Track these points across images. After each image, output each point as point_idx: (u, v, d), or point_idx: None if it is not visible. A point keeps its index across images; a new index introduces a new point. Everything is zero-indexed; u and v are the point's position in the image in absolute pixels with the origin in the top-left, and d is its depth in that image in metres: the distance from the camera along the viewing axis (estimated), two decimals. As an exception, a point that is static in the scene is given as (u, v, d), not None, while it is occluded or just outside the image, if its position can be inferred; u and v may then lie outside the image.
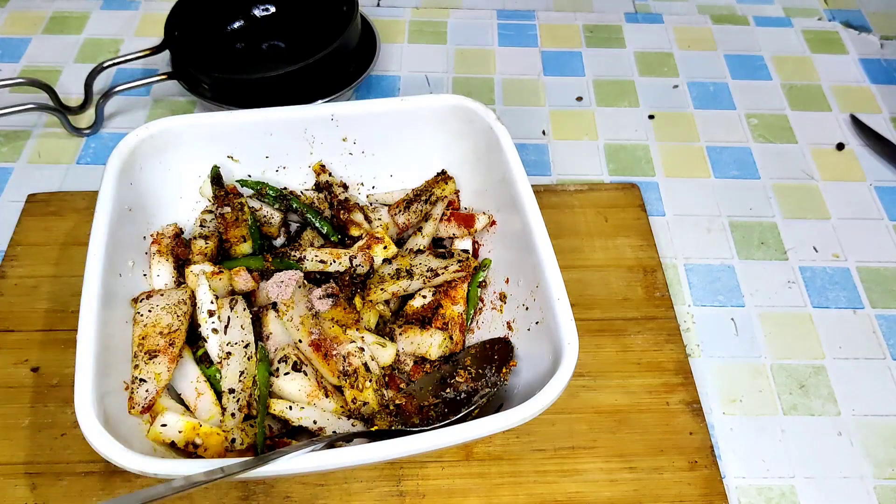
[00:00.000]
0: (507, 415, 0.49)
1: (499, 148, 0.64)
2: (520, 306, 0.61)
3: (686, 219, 0.80)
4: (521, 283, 0.61)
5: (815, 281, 0.75)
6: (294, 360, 0.58)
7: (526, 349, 0.59)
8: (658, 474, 0.61)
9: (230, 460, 0.47)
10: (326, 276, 0.65)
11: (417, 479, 0.60)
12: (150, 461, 0.46)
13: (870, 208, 0.82)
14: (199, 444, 0.55)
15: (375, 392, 0.58)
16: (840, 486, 0.62)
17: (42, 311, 0.69)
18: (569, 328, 0.53)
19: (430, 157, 0.71)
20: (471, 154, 0.69)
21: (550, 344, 0.54)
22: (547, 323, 0.55)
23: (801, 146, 0.88)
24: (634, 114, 0.91)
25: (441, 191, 0.70)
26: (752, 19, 1.05)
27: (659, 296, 0.72)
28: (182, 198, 0.69)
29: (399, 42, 0.99)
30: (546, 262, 0.56)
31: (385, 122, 0.69)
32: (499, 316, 0.64)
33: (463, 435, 0.49)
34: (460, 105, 0.67)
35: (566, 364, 0.51)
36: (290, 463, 0.47)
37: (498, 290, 0.65)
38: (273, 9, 0.95)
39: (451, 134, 0.69)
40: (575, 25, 1.03)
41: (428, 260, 0.65)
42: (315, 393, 0.57)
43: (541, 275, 0.56)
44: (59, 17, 1.01)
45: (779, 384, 0.68)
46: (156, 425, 0.54)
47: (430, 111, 0.69)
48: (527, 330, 0.59)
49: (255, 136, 0.68)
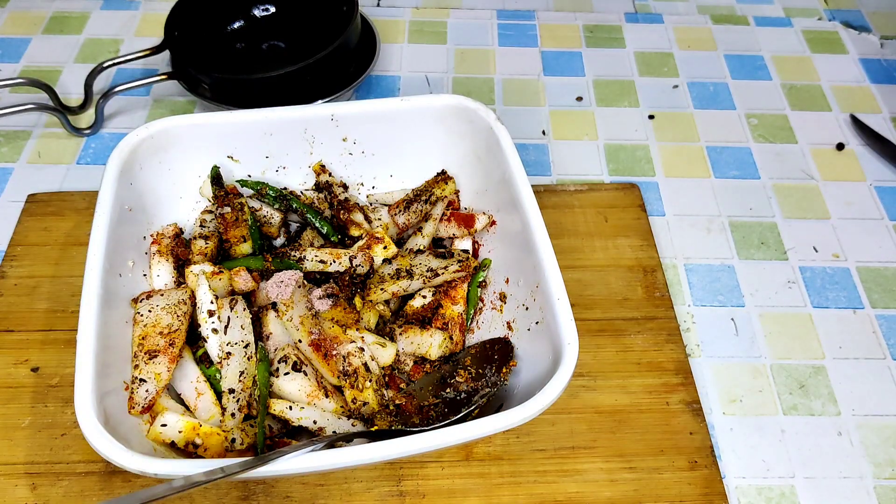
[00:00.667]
0: (507, 414, 0.49)
1: (499, 148, 0.64)
2: (520, 306, 0.61)
3: (686, 219, 0.80)
4: (521, 283, 0.61)
5: (815, 281, 0.75)
6: (294, 360, 0.58)
7: (526, 349, 0.59)
8: (658, 474, 0.61)
9: (230, 460, 0.47)
10: (326, 277, 0.65)
11: (417, 480, 0.60)
12: (150, 461, 0.46)
13: (870, 208, 0.82)
14: (199, 444, 0.55)
15: (375, 392, 0.58)
16: (840, 486, 0.62)
17: (42, 311, 0.69)
18: (569, 328, 0.53)
19: (430, 157, 0.71)
20: (471, 154, 0.69)
21: (550, 344, 0.54)
22: (547, 323, 0.55)
23: (801, 146, 0.88)
24: (634, 114, 0.91)
25: (441, 191, 0.70)
26: (751, 19, 1.05)
27: (659, 296, 0.72)
28: (182, 198, 0.69)
29: (399, 42, 0.99)
30: (546, 262, 0.56)
31: (385, 122, 0.69)
32: (499, 316, 0.64)
33: (463, 435, 0.49)
34: (460, 105, 0.67)
35: (566, 364, 0.51)
36: (289, 463, 0.47)
37: (498, 290, 0.65)
38: (273, 9, 0.95)
39: (451, 134, 0.69)
40: (575, 25, 1.03)
41: (428, 260, 0.65)
42: (315, 393, 0.57)
43: (541, 275, 0.56)
44: (59, 17, 1.01)
45: (779, 384, 0.68)
46: (156, 425, 0.54)
47: (430, 111, 0.69)
48: (527, 330, 0.59)
49: (255, 136, 0.68)
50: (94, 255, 0.56)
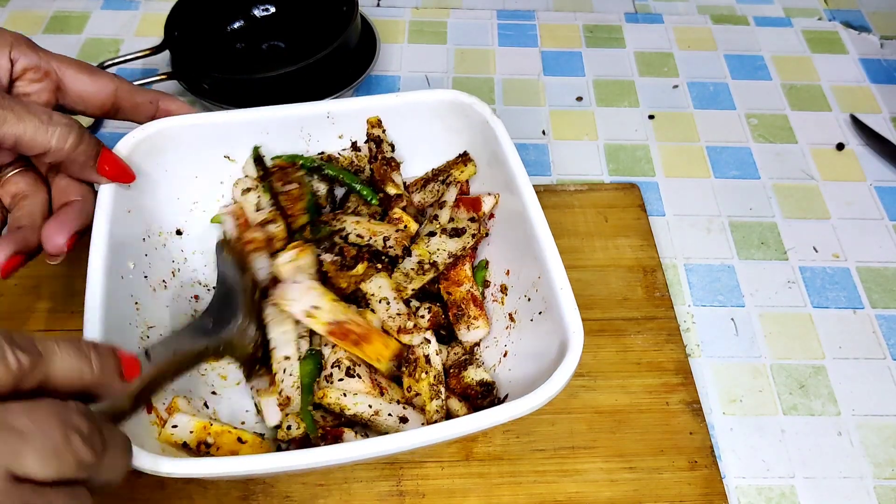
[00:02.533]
0: (515, 404, 0.48)
1: (496, 142, 0.64)
2: (521, 297, 0.61)
3: (686, 219, 0.80)
4: (521, 275, 0.61)
5: (815, 281, 0.75)
6: (347, 366, 0.58)
7: (529, 341, 0.59)
8: (658, 474, 0.61)
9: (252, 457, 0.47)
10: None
11: (417, 479, 0.60)
12: (163, 461, 0.46)
13: (870, 208, 0.82)
14: (210, 444, 0.55)
15: (431, 387, 0.58)
16: (840, 486, 0.62)
17: (42, 311, 0.69)
18: (573, 316, 0.52)
19: (427, 152, 0.71)
20: (468, 148, 0.69)
21: (555, 334, 0.54)
22: (550, 313, 0.55)
23: (801, 146, 0.88)
24: (634, 114, 0.91)
25: (460, 173, 0.69)
26: (752, 19, 1.05)
27: (659, 296, 0.72)
28: (178, 199, 0.69)
29: (399, 42, 0.99)
30: (547, 252, 0.56)
31: (381, 118, 0.69)
32: (500, 308, 0.64)
33: (473, 425, 0.48)
34: (456, 100, 0.67)
35: (573, 351, 0.50)
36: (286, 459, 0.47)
37: (499, 283, 0.65)
38: (273, 9, 0.95)
39: (448, 129, 0.70)
40: (575, 25, 1.03)
41: (444, 243, 0.65)
42: (371, 392, 0.58)
43: (543, 265, 0.56)
44: (59, 17, 1.01)
45: (779, 384, 0.68)
46: (167, 427, 0.54)
47: (425, 106, 0.69)
48: (529, 321, 0.59)
49: (251, 134, 0.68)
50: (96, 254, 0.56)
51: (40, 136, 0.52)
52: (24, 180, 0.59)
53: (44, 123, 0.53)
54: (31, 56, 0.58)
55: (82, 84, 0.60)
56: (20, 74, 0.58)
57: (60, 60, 0.60)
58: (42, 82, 0.59)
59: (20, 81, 0.58)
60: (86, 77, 0.60)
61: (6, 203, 0.58)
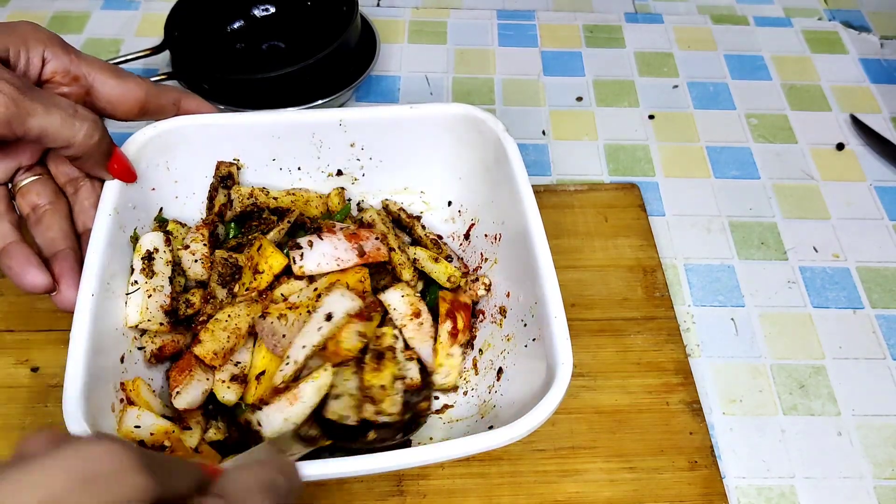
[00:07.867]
0: (496, 433, 0.48)
1: (506, 160, 0.63)
2: (518, 321, 0.60)
3: (686, 219, 0.80)
4: (521, 299, 0.61)
5: (815, 281, 0.75)
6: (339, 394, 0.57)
7: (522, 366, 0.59)
8: (658, 474, 0.61)
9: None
10: None
11: (418, 480, 0.60)
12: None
13: (870, 208, 0.82)
14: (166, 447, 0.55)
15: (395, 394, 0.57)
16: (840, 487, 0.62)
17: (42, 310, 0.69)
18: (564, 347, 0.52)
19: (439, 165, 0.71)
20: (479, 164, 0.68)
21: (545, 362, 0.53)
22: (542, 341, 0.55)
23: (801, 146, 0.88)
24: (634, 114, 0.91)
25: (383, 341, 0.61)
26: (752, 19, 1.05)
27: (659, 296, 0.72)
28: (177, 197, 0.69)
29: (399, 42, 0.99)
30: (546, 280, 0.55)
31: (393, 129, 0.69)
32: (498, 330, 0.63)
33: (461, 449, 0.48)
34: (469, 115, 0.67)
35: (558, 385, 0.50)
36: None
37: (498, 304, 0.64)
38: (273, 9, 0.95)
39: (460, 143, 0.69)
40: (575, 25, 1.03)
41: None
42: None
43: (540, 291, 0.55)
44: (60, 17, 1.01)
45: (779, 384, 0.68)
46: (128, 423, 0.54)
47: (438, 119, 0.68)
48: (524, 346, 0.59)
49: (262, 137, 0.68)
50: (95, 253, 0.56)
51: (66, 130, 0.52)
52: (45, 191, 0.59)
53: (70, 117, 0.53)
54: (62, 58, 0.58)
55: (110, 89, 0.60)
56: (50, 77, 0.57)
57: (91, 64, 0.59)
58: (71, 87, 0.58)
59: (49, 84, 0.58)
60: (114, 82, 0.60)
61: (24, 213, 0.58)
